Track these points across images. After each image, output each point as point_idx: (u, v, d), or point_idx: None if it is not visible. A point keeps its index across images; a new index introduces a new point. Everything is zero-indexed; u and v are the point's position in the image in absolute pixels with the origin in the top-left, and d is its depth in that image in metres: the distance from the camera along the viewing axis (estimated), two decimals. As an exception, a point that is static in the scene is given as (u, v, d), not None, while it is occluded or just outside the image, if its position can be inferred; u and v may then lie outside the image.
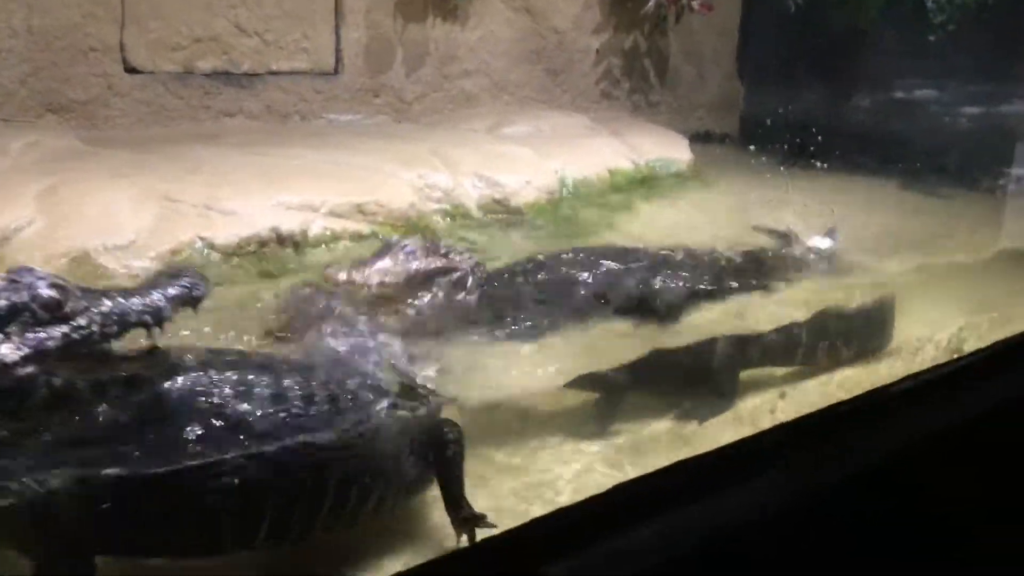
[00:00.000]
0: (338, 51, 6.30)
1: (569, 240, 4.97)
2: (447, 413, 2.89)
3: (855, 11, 9.07)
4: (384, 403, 2.53)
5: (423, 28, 6.64)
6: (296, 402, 2.34)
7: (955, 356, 4.55)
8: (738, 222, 5.64)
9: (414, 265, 3.66)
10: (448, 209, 4.97)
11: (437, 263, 3.71)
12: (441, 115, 6.83)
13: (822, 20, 8.95)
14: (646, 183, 6.28)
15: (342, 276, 3.53)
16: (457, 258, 3.80)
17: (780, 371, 4.26)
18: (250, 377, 2.32)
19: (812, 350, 4.29)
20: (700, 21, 8.14)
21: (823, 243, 6.14)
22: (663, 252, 4.37)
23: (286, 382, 2.36)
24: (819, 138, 8.03)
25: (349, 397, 2.49)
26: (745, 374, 4.10)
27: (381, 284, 3.56)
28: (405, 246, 3.67)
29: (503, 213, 5.13)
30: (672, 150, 6.85)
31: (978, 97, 10.49)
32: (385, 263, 3.61)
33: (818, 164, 7.53)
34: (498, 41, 7.09)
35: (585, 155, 6.19)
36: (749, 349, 4.11)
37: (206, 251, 3.96)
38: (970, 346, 4.61)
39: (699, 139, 8.34)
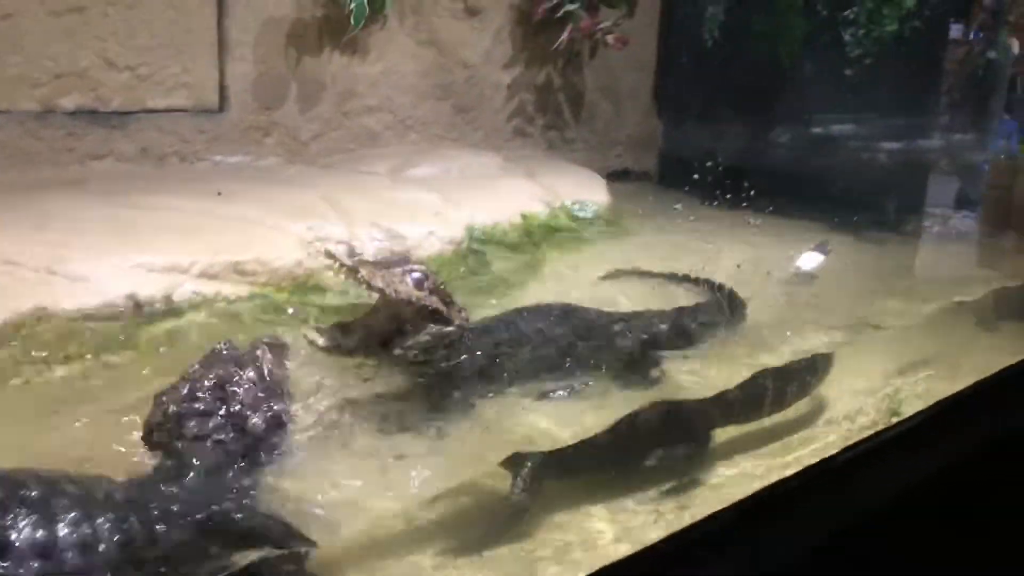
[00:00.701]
0: (223, 86, 5.72)
1: (475, 297, 4.49)
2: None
3: (775, 45, 8.84)
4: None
5: (319, 62, 6.11)
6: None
7: (894, 419, 4.22)
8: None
9: (418, 292, 3.21)
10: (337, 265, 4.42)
11: (438, 305, 3.26)
12: (341, 155, 6.29)
13: (741, 55, 8.70)
14: (561, 228, 5.84)
15: (349, 260, 3.15)
16: (454, 311, 3.36)
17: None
18: None
19: (780, 400, 3.93)
20: (616, 56, 7.79)
21: (811, 259, 5.87)
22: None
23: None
24: (739, 176, 7.73)
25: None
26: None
27: (380, 291, 3.14)
28: (413, 268, 3.26)
29: (404, 268, 4.61)
30: (589, 191, 6.44)
31: (896, 132, 10.37)
32: (390, 274, 3.19)
33: (740, 204, 7.22)
34: (402, 76, 6.60)
35: (496, 199, 5.72)
36: (729, 408, 3.71)
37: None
38: (909, 406, 4.28)
39: (617, 177, 7.99)
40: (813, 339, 4.51)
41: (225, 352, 2.79)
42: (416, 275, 3.25)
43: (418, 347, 3.26)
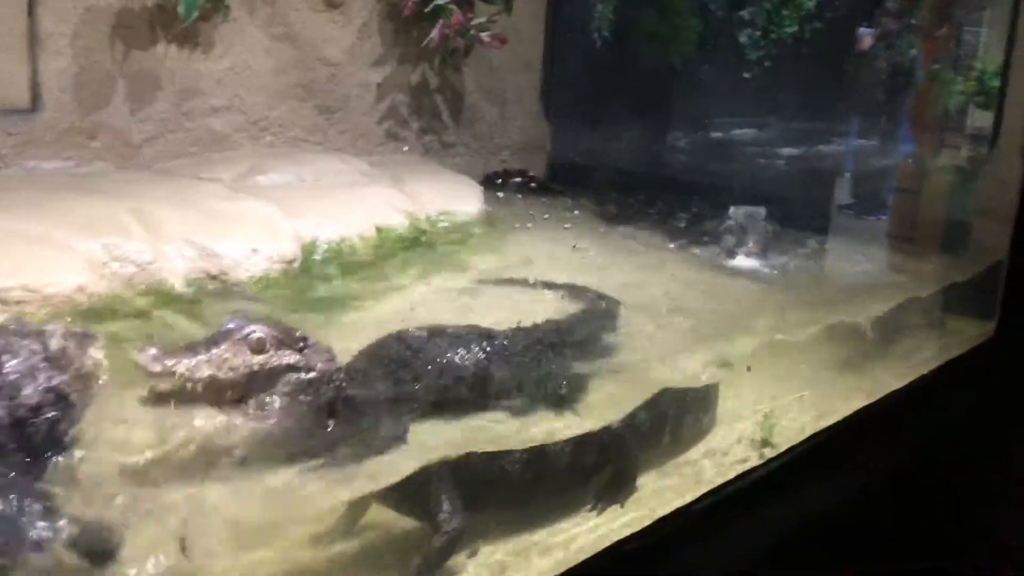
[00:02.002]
0: (35, 84, 5.07)
1: (304, 323, 3.95)
2: None
3: (667, 47, 8.47)
4: None
5: (152, 57, 5.49)
6: None
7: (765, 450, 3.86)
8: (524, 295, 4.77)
9: (259, 358, 2.79)
10: (143, 290, 3.85)
11: (289, 358, 2.84)
12: (181, 160, 5.68)
13: (633, 56, 8.31)
14: (422, 242, 5.33)
15: (156, 365, 2.63)
16: (314, 355, 2.93)
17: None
18: None
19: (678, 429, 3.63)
20: (500, 55, 7.31)
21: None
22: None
23: None
24: (631, 184, 7.33)
25: None
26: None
27: (212, 381, 2.70)
28: (250, 330, 2.81)
29: (219, 290, 4.05)
30: (460, 201, 5.94)
31: (796, 136, 10.12)
32: (221, 351, 2.74)
33: (632, 213, 6.81)
34: (254, 73, 6.01)
35: (349, 210, 5.19)
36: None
37: None
38: (780, 430, 3.90)
39: (503, 183, 7.51)
40: (697, 360, 4.11)
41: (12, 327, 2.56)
42: (255, 336, 2.81)
43: (279, 402, 2.85)
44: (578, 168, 7.85)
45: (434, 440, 3.02)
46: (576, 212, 6.82)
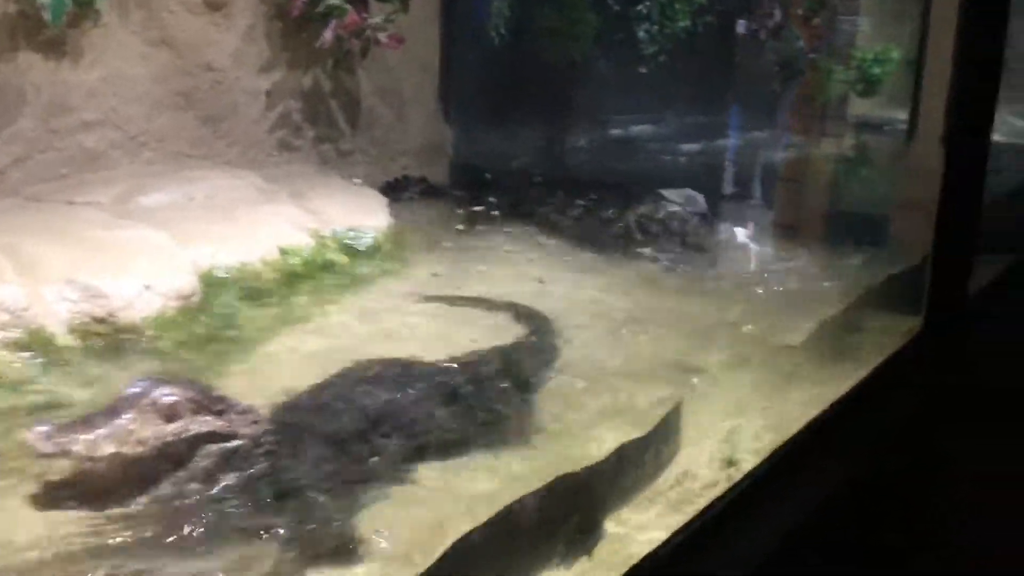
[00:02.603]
0: None
1: (216, 369, 3.50)
2: None
3: (566, 43, 8.22)
4: None
5: (14, 68, 4.88)
6: None
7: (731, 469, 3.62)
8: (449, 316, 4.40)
9: (172, 427, 2.39)
10: (16, 340, 3.32)
11: (208, 424, 2.44)
12: (51, 184, 5.07)
13: (531, 53, 8.03)
14: (330, 264, 4.90)
15: (47, 444, 2.21)
16: (236, 417, 2.52)
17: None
18: None
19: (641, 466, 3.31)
20: (396, 56, 6.90)
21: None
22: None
23: None
24: (535, 186, 7.03)
25: None
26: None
27: (117, 458, 2.27)
28: (159, 394, 2.38)
29: (109, 336, 3.54)
30: (366, 214, 5.53)
31: (693, 130, 10.05)
32: (125, 421, 2.32)
33: (535, 217, 6.50)
34: (130, 83, 5.44)
35: (247, 232, 4.72)
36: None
37: None
38: (745, 449, 3.67)
39: (403, 190, 7.11)
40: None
41: None
42: (166, 400, 2.38)
43: (198, 479, 2.42)
44: (480, 170, 7.51)
45: (393, 514, 2.61)
46: (485, 217, 6.48)
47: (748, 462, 3.62)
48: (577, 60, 8.34)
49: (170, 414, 2.37)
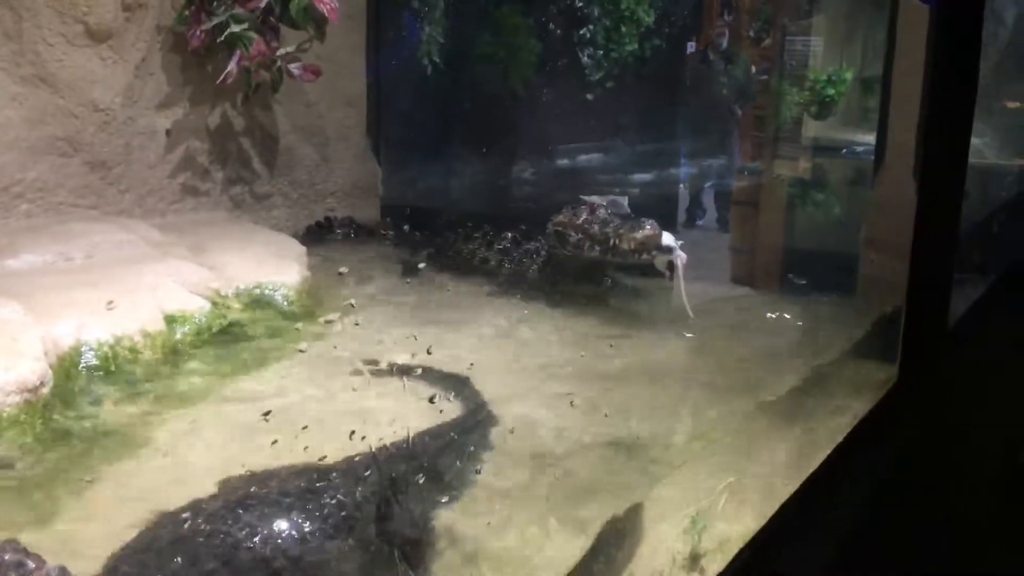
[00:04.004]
0: None
1: (64, 491, 2.81)
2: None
3: (505, 71, 7.65)
4: None
5: None
6: None
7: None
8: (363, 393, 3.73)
9: None
10: None
11: None
12: (-99, 246, 4.37)
13: (469, 83, 7.45)
14: (229, 332, 4.22)
15: None
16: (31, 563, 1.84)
17: None
18: None
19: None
20: (317, 90, 6.28)
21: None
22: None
23: None
24: (477, 225, 6.39)
25: None
26: None
27: None
28: None
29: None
30: (277, 268, 4.88)
31: (645, 159, 9.56)
32: None
33: (479, 261, 5.88)
34: (0, 127, 4.75)
35: (128, 297, 4.02)
36: None
37: None
38: (710, 539, 3.06)
39: (328, 233, 6.49)
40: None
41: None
42: None
43: None
44: (414, 210, 6.90)
45: None
46: (425, 264, 5.84)
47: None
48: (518, 88, 7.77)
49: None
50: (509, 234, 5.72)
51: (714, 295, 5.61)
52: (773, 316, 5.29)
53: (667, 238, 4.96)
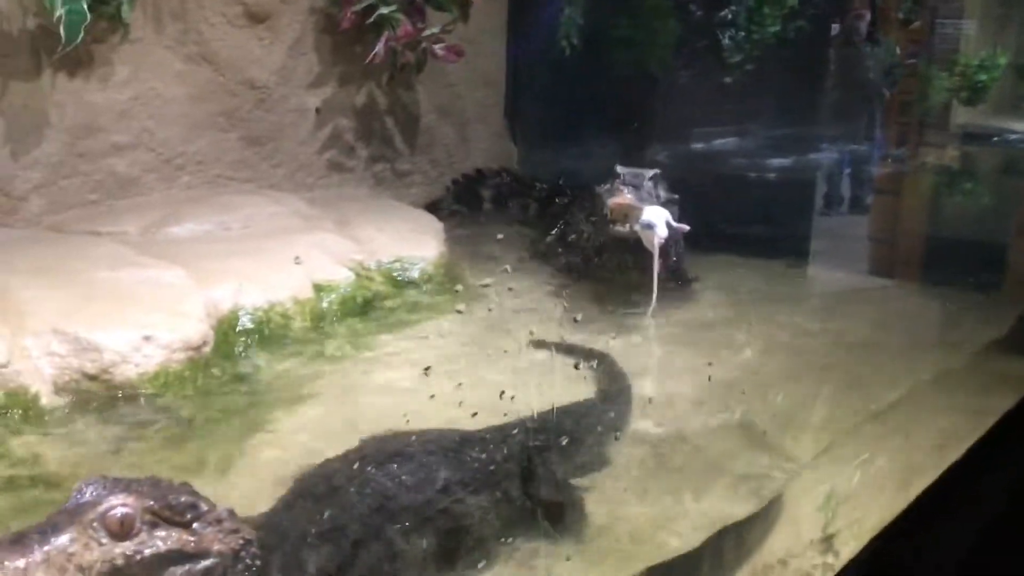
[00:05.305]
0: None
1: (225, 436, 3.01)
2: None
3: (642, 53, 7.61)
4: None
5: (36, 88, 4.53)
6: None
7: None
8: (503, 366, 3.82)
9: (124, 546, 1.84)
10: (-8, 401, 2.90)
11: (170, 540, 1.90)
12: (77, 211, 4.72)
13: (605, 65, 7.44)
14: (373, 302, 4.40)
15: None
16: (209, 529, 1.95)
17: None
18: None
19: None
20: (458, 70, 6.41)
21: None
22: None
23: None
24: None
25: None
26: None
27: None
28: (109, 506, 1.85)
29: (101, 397, 3.09)
30: (417, 243, 5.03)
31: (784, 143, 9.34)
32: (64, 543, 1.79)
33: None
34: (166, 102, 5.06)
35: (279, 266, 4.23)
36: None
37: None
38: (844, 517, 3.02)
39: (467, 209, 6.60)
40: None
41: None
42: (116, 514, 1.85)
43: None
44: (548, 190, 6.94)
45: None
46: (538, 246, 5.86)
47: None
48: (655, 71, 7.72)
49: (122, 531, 1.86)
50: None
51: (852, 285, 5.50)
52: (913, 308, 5.14)
53: (651, 212, 4.43)
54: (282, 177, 5.66)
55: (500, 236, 5.63)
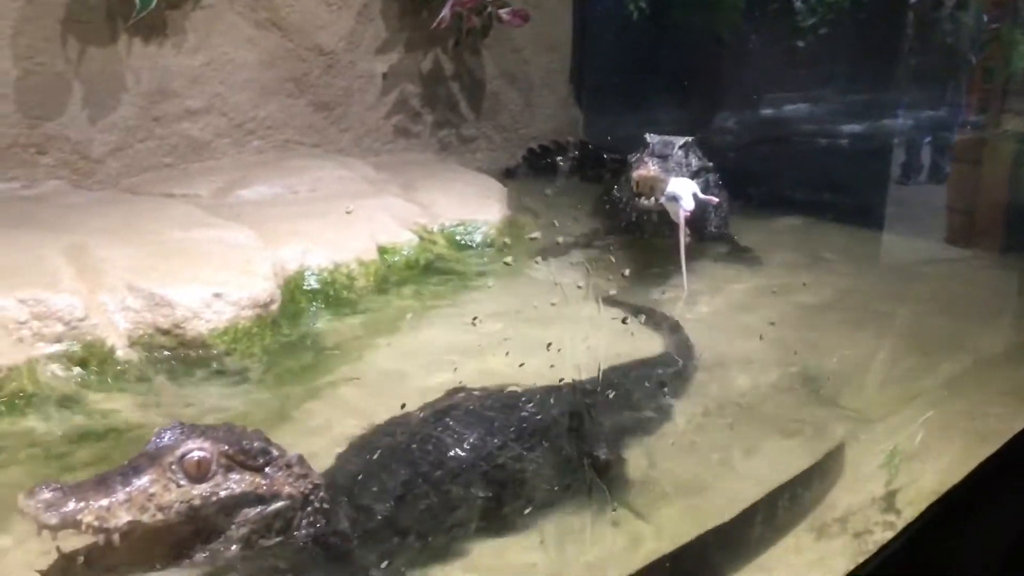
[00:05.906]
0: (-33, 92, 4.28)
1: (291, 391, 3.11)
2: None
3: (711, 17, 7.49)
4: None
5: (114, 54, 4.67)
6: None
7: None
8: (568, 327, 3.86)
9: (201, 488, 1.96)
10: (72, 354, 3.03)
11: (244, 483, 2.02)
12: (151, 173, 4.88)
13: (673, 29, 7.35)
14: (435, 265, 4.46)
15: (51, 516, 1.78)
16: (280, 473, 2.06)
17: None
18: None
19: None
20: (521, 35, 6.40)
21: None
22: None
23: None
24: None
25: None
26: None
27: (135, 528, 1.87)
28: (186, 450, 1.97)
29: (174, 351, 3.21)
30: (480, 208, 5.07)
31: (857, 110, 9.12)
32: (145, 483, 1.91)
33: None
34: (237, 67, 5.17)
35: (344, 228, 4.33)
36: None
37: None
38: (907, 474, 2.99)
39: (534, 171, 6.60)
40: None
41: None
42: (193, 457, 1.96)
43: (233, 550, 2.01)
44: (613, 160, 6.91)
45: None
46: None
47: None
48: (725, 35, 7.59)
49: (198, 473, 1.96)
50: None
51: (929, 255, 5.40)
52: (990, 279, 5.03)
53: (677, 184, 4.26)
54: (349, 142, 5.75)
55: (548, 191, 5.62)
